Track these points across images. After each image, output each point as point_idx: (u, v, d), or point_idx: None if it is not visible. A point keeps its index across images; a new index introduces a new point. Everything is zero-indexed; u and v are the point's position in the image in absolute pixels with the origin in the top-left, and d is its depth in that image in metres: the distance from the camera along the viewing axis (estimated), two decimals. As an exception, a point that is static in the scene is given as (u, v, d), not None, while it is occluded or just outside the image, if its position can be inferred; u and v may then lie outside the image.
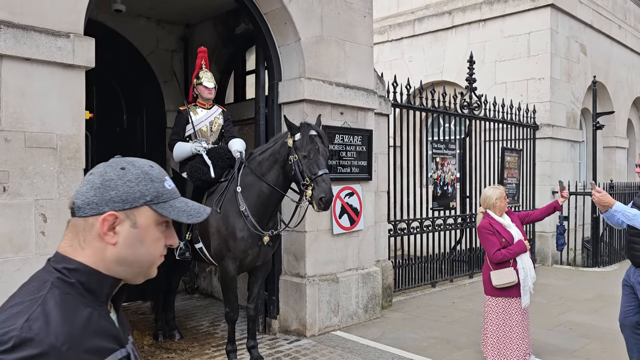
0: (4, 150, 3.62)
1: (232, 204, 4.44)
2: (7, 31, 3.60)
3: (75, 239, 1.12)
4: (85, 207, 1.11)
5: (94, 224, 1.10)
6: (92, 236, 1.11)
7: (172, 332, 5.49)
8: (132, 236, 1.13)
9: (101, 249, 1.11)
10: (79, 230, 1.12)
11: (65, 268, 1.09)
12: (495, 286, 4.45)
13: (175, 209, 1.16)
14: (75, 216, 1.12)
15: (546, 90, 10.26)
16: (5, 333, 0.95)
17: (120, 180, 1.12)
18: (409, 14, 12.43)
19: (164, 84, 7.46)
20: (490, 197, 4.60)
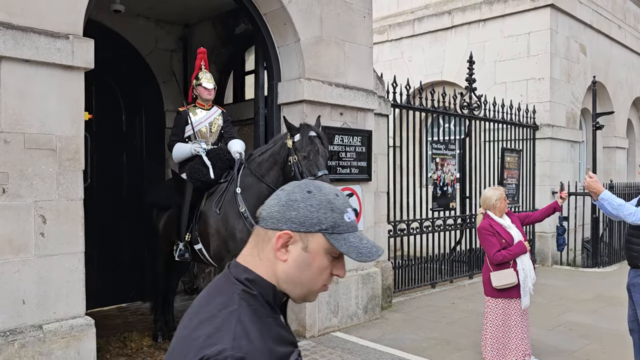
0: (3, 152, 3.61)
1: (231, 205, 4.43)
2: (7, 33, 3.59)
3: (255, 248, 1.19)
4: (268, 219, 1.16)
5: (271, 237, 1.15)
6: (268, 248, 1.16)
7: (171, 333, 5.48)
8: (301, 258, 1.15)
9: (273, 262, 1.16)
10: (259, 240, 1.18)
11: (247, 279, 1.14)
12: (495, 287, 4.44)
13: (347, 243, 1.17)
14: (260, 225, 1.19)
15: (546, 91, 10.25)
16: (219, 352, 1.00)
17: (303, 203, 1.15)
18: (408, 13, 12.42)
19: (163, 84, 7.45)
20: (490, 198, 4.60)
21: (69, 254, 3.91)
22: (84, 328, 3.94)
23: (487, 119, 9.13)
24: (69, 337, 3.86)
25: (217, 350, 1.01)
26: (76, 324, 3.91)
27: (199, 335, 1.06)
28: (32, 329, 3.72)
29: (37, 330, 3.73)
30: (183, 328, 1.12)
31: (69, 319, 3.90)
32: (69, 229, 3.92)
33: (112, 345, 5.22)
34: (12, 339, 3.61)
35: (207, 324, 1.07)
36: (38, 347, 3.71)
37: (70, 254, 3.91)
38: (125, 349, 5.18)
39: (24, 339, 3.65)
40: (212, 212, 4.51)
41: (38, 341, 3.71)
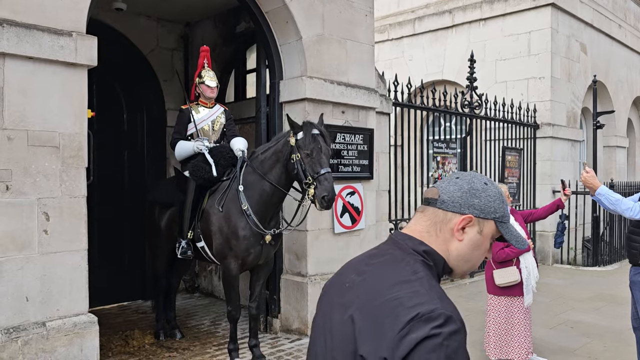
0: (7, 149, 3.62)
1: (234, 202, 4.44)
2: (10, 30, 3.59)
3: (433, 227, 1.31)
4: (449, 203, 1.31)
5: (452, 219, 1.30)
6: (446, 228, 1.30)
7: (173, 331, 5.49)
8: (475, 240, 1.32)
9: (449, 241, 1.31)
10: (437, 220, 1.31)
11: (424, 252, 1.28)
12: (497, 285, 4.45)
13: (509, 231, 1.36)
14: (436, 207, 1.32)
15: (546, 90, 10.26)
16: (432, 311, 1.10)
17: (484, 193, 1.32)
18: (409, 12, 12.43)
19: (164, 82, 7.45)
20: None
21: (72, 251, 3.91)
22: (87, 325, 3.94)
23: (488, 117, 9.14)
24: (72, 334, 3.86)
25: (429, 309, 1.10)
26: (79, 321, 3.92)
27: (400, 296, 1.14)
28: (35, 326, 3.73)
29: (41, 327, 3.74)
30: (365, 293, 1.20)
31: (72, 316, 3.91)
32: (72, 226, 3.92)
33: (114, 343, 5.23)
34: (15, 336, 3.61)
35: (406, 287, 1.16)
36: (41, 345, 3.71)
37: (73, 251, 3.92)
38: (127, 347, 5.18)
39: (28, 336, 3.66)
40: (215, 210, 4.52)
41: (41, 338, 3.71)
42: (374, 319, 1.13)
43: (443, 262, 1.30)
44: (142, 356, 4.96)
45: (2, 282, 3.61)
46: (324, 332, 1.27)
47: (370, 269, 1.26)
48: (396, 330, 1.08)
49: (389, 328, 1.09)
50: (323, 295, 1.39)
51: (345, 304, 1.23)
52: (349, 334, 1.16)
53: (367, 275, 1.25)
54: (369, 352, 1.10)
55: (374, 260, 1.29)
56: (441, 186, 1.35)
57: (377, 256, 1.31)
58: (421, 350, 1.05)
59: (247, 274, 4.94)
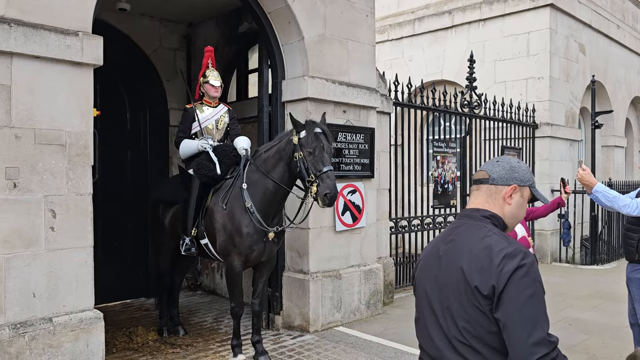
0: (14, 147, 3.68)
1: (237, 200, 4.50)
2: (18, 29, 3.65)
3: (489, 198, 1.83)
4: (498, 179, 1.82)
5: (502, 190, 1.82)
6: (499, 197, 1.82)
7: (176, 327, 5.55)
8: (519, 202, 1.83)
9: (502, 206, 1.82)
10: (491, 193, 1.83)
11: (491, 215, 1.79)
12: None
13: (538, 193, 1.89)
14: (488, 184, 1.83)
15: (545, 90, 10.33)
16: (515, 249, 1.61)
17: (519, 169, 1.84)
18: (409, 13, 12.49)
19: (167, 82, 7.50)
20: None
21: (78, 248, 3.97)
22: (93, 321, 4.00)
23: (487, 117, 9.20)
24: (78, 330, 3.92)
25: (511, 250, 1.61)
26: (85, 317, 3.98)
27: (488, 245, 1.65)
28: (42, 321, 3.78)
29: (47, 322, 3.79)
30: (463, 250, 1.70)
31: (78, 312, 3.97)
32: (78, 223, 3.98)
33: (118, 339, 5.28)
34: (22, 332, 3.67)
35: (489, 239, 1.67)
36: (48, 340, 3.77)
37: (79, 248, 3.97)
38: (131, 344, 5.24)
39: (35, 332, 3.72)
40: (219, 207, 4.57)
41: (48, 334, 3.77)
42: (476, 263, 1.63)
43: (502, 220, 1.82)
44: (146, 352, 5.02)
45: (10, 278, 3.67)
46: (431, 291, 1.76)
47: (456, 236, 1.78)
48: (495, 266, 1.59)
49: (489, 266, 1.60)
50: (422, 268, 1.87)
51: (448, 261, 1.73)
52: (461, 278, 1.65)
53: (456, 240, 1.76)
54: (480, 283, 1.60)
55: (455, 230, 1.80)
56: (487, 168, 1.86)
57: (456, 227, 1.82)
58: (515, 276, 1.56)
59: (250, 271, 5.00)
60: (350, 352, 4.99)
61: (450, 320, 1.67)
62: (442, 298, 1.71)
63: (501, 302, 1.56)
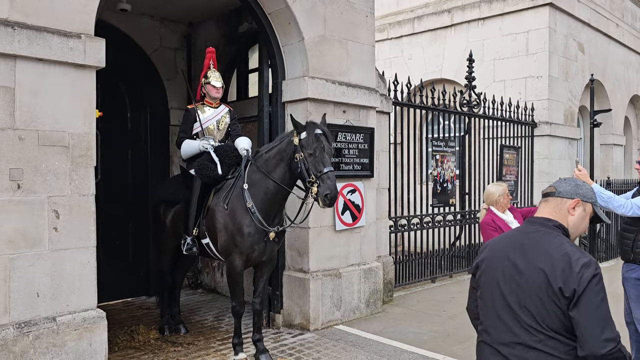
0: (18, 148, 3.72)
1: (239, 200, 4.54)
2: (21, 32, 3.69)
3: (556, 209, 2.17)
4: (564, 193, 2.17)
5: (567, 202, 2.16)
6: (563, 208, 2.16)
7: (177, 326, 5.60)
8: (581, 215, 2.17)
9: (566, 216, 2.16)
10: (557, 204, 2.17)
11: (559, 225, 2.13)
12: None
13: (600, 212, 2.22)
14: (555, 196, 2.18)
15: (544, 88, 10.37)
16: (589, 259, 1.95)
17: (584, 187, 2.19)
18: (408, 12, 12.52)
19: (167, 82, 7.54)
20: (493, 194, 4.72)
21: (81, 248, 4.01)
22: (95, 320, 4.05)
23: (486, 116, 9.24)
24: (81, 329, 3.97)
25: (587, 260, 1.95)
26: (88, 316, 4.03)
27: (566, 252, 1.98)
28: (46, 320, 3.83)
29: (51, 322, 3.84)
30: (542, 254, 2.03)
31: (81, 312, 4.02)
32: (81, 223, 4.02)
33: (120, 338, 5.33)
34: (27, 331, 3.72)
35: (564, 247, 2.01)
36: (52, 339, 3.82)
37: (82, 248, 4.02)
38: (132, 342, 5.29)
39: (38, 331, 3.76)
40: (220, 208, 4.62)
41: (52, 333, 3.82)
42: (558, 267, 1.96)
43: (567, 231, 2.14)
44: (148, 351, 5.07)
45: (14, 278, 3.71)
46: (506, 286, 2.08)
47: (531, 240, 2.10)
48: (575, 273, 1.92)
49: (569, 272, 1.93)
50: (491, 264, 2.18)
51: (527, 262, 2.05)
52: (543, 279, 1.98)
53: (532, 244, 2.09)
54: (563, 285, 1.93)
55: (530, 235, 2.13)
56: (555, 185, 2.22)
57: (530, 233, 2.14)
58: (592, 283, 1.91)
59: (251, 270, 5.05)
60: (350, 350, 5.04)
61: (527, 312, 2.01)
62: (520, 293, 2.04)
63: (579, 303, 1.91)
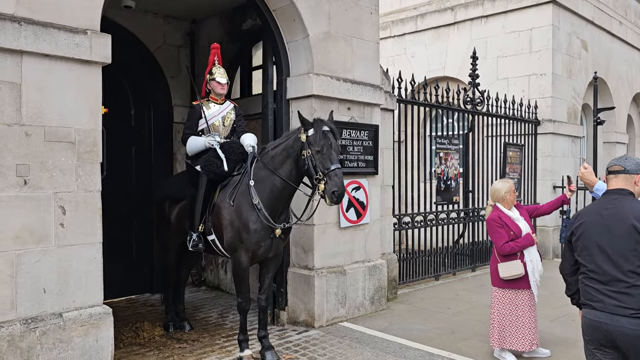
0: (25, 145, 3.71)
1: (245, 197, 4.53)
2: (27, 28, 3.68)
3: (626, 182, 2.82)
4: (631, 170, 2.83)
5: (633, 176, 2.82)
6: (631, 181, 2.83)
7: (182, 323, 5.60)
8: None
9: (633, 187, 2.82)
10: (627, 179, 2.83)
11: (631, 193, 2.81)
12: (502, 278, 4.56)
13: None
14: (624, 173, 2.83)
15: (548, 86, 10.35)
16: None
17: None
18: (411, 9, 12.50)
19: (170, 79, 7.53)
20: (499, 191, 4.71)
21: (87, 244, 4.01)
22: (102, 316, 4.05)
23: (489, 114, 9.23)
24: (87, 325, 3.97)
25: None
26: (95, 312, 4.02)
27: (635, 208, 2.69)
28: (52, 316, 3.83)
29: (58, 318, 3.84)
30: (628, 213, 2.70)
31: (87, 308, 4.01)
32: (88, 219, 4.02)
33: (125, 335, 5.34)
34: (33, 327, 3.72)
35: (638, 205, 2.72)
36: (58, 335, 3.82)
37: (88, 244, 4.02)
38: (137, 339, 5.29)
39: (45, 327, 3.76)
40: (226, 204, 4.61)
41: (58, 329, 3.82)
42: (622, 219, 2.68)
43: (634, 196, 2.79)
44: (153, 347, 5.07)
45: (21, 274, 3.71)
46: (602, 241, 2.72)
47: (616, 204, 2.75)
48: None
49: None
50: (588, 227, 2.81)
51: (617, 221, 2.69)
52: (633, 230, 2.62)
53: (617, 206, 2.74)
54: None
55: (613, 202, 2.77)
56: (621, 163, 2.85)
57: (613, 200, 2.79)
58: None
59: (256, 267, 5.04)
60: (355, 347, 5.04)
61: (623, 257, 2.63)
62: (615, 244, 2.67)
63: None
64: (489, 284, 4.92)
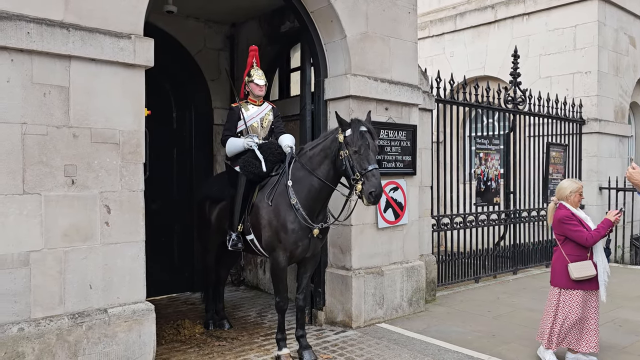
0: (72, 146, 3.86)
1: (283, 197, 4.58)
2: (75, 33, 3.82)
3: None
4: None
5: None
6: None
7: (221, 321, 5.69)
8: None
9: None
10: None
11: None
12: (575, 279, 4.46)
13: None
14: None
15: (593, 84, 10.04)
16: None
17: None
18: (450, 9, 12.35)
19: (211, 82, 7.67)
20: (565, 189, 4.63)
21: (131, 242, 4.13)
22: (145, 313, 4.16)
23: (532, 113, 9.02)
24: (131, 320, 4.08)
25: None
26: (138, 308, 4.14)
27: None
28: (98, 312, 3.96)
29: (103, 313, 3.97)
30: None
31: (131, 304, 4.13)
32: (131, 219, 4.14)
33: (166, 332, 5.46)
34: (80, 321, 3.85)
35: None
36: (103, 330, 3.95)
37: (132, 243, 4.14)
38: (178, 336, 5.41)
39: (91, 322, 3.90)
40: (264, 204, 4.67)
41: (103, 324, 3.95)
42: None
43: None
44: (194, 345, 5.17)
45: (69, 270, 3.86)
46: None
47: None
48: None
49: None
50: None
51: None
52: None
53: None
54: None
55: None
56: None
57: None
58: None
59: (294, 267, 5.08)
60: (393, 348, 5.01)
61: None
62: None
63: None
64: (531, 287, 4.82)
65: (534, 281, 7.97)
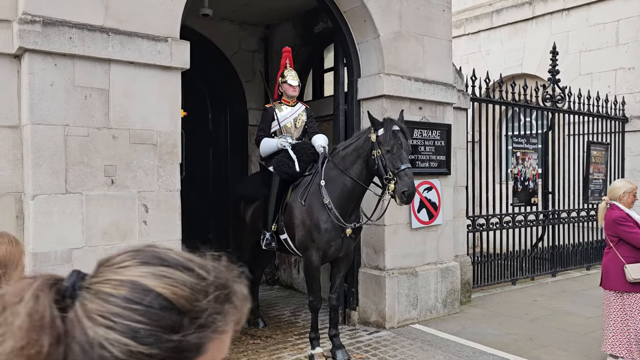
0: (112, 146, 3.98)
1: (316, 197, 4.60)
2: (115, 38, 3.95)
3: None
4: None
5: None
6: None
7: (256, 320, 5.75)
8: None
9: None
10: None
11: None
12: (632, 280, 4.32)
13: None
14: None
15: (637, 81, 9.70)
16: None
17: None
18: (486, 6, 12.14)
19: (245, 83, 7.78)
20: (618, 189, 4.51)
21: (167, 241, 4.22)
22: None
23: (571, 111, 8.79)
24: (168, 317, 4.17)
25: None
26: (174, 305, 4.22)
27: None
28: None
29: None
30: None
31: (168, 301, 4.22)
32: (168, 218, 4.24)
33: (202, 329, 5.55)
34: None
35: None
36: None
37: (169, 241, 4.22)
38: (214, 333, 5.49)
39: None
40: (298, 204, 4.70)
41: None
42: None
43: None
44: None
45: (109, 267, 3.97)
46: None
47: None
48: None
49: None
50: None
51: None
52: None
53: None
54: None
55: None
56: None
57: None
58: None
59: (327, 266, 5.10)
60: (427, 349, 4.97)
61: None
62: None
63: None
64: (571, 290, 4.71)
65: (574, 284, 7.77)
